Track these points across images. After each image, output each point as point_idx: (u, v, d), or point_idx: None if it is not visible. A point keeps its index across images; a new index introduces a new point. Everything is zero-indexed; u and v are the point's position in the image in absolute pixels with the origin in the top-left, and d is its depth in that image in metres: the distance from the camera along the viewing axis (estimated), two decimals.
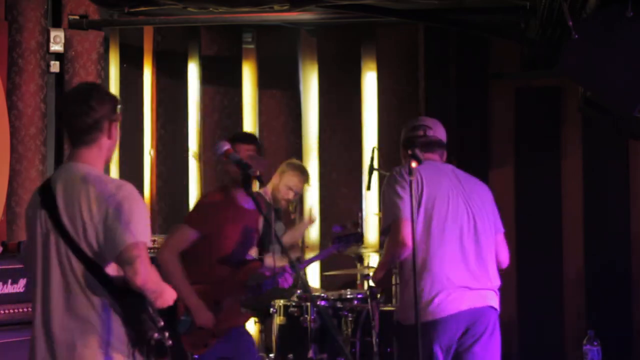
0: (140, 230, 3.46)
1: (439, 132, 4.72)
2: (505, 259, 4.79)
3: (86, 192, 3.49)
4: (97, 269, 3.46)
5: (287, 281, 5.40)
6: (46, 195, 3.56)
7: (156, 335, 3.47)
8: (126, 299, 3.48)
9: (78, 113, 3.57)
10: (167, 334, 3.50)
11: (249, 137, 5.52)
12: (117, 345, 3.48)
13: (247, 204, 5.29)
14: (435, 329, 4.41)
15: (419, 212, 4.46)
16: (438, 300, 4.44)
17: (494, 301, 4.66)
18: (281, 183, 6.64)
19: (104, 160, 3.68)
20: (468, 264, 4.54)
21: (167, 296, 3.52)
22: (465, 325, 4.52)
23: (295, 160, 7.04)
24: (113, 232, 3.43)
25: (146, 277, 3.42)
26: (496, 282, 4.68)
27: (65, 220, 3.48)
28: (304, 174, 6.80)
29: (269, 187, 6.71)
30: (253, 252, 5.67)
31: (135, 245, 3.42)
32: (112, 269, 3.48)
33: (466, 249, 4.54)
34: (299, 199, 7.14)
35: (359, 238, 6.17)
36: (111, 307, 3.48)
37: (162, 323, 3.53)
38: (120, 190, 3.50)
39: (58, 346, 3.48)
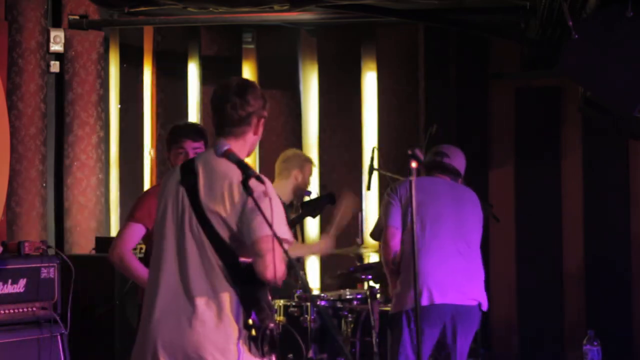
0: (276, 224, 3.50)
1: (456, 161, 5.34)
2: None
3: (229, 180, 3.54)
4: (226, 252, 3.52)
5: None
6: (188, 174, 3.62)
7: (272, 325, 3.54)
8: (249, 285, 3.53)
9: (234, 105, 3.64)
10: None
11: (199, 132, 5.06)
12: (239, 329, 3.52)
13: None
14: (408, 317, 4.95)
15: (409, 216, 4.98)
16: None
17: (477, 296, 5.07)
18: (306, 177, 6.59)
19: (246, 153, 3.71)
20: (454, 262, 5.03)
21: None
22: (444, 319, 4.96)
23: (301, 152, 7.08)
24: (249, 223, 3.48)
25: (276, 271, 3.47)
26: (479, 274, 5.15)
27: (203, 200, 3.54)
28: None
29: (291, 184, 6.63)
30: None
31: (268, 239, 3.46)
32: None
33: (453, 249, 5.06)
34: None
35: (330, 199, 6.01)
36: (235, 291, 3.52)
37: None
38: (260, 184, 3.55)
39: (187, 319, 3.51)
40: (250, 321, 3.53)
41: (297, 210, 6.39)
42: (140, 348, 3.60)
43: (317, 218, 7.52)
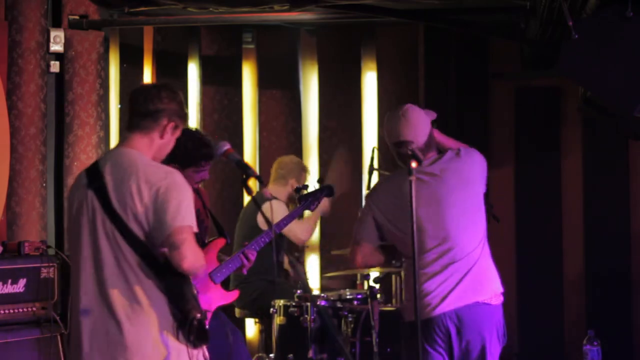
0: (187, 214, 3.53)
1: (420, 139, 4.51)
2: None
3: (136, 175, 3.55)
4: (143, 249, 3.53)
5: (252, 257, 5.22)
6: (94, 176, 3.63)
7: (199, 315, 3.54)
8: (171, 278, 3.54)
9: (147, 95, 3.67)
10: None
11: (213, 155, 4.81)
12: (164, 324, 3.54)
13: (194, 184, 5.15)
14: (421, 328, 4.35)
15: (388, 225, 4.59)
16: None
17: (482, 294, 4.68)
18: (301, 184, 6.80)
19: (152, 155, 3.69)
20: (445, 265, 4.55)
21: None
22: (450, 325, 4.50)
23: (298, 160, 7.24)
24: (161, 215, 3.50)
25: (193, 261, 3.50)
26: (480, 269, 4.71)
27: (113, 200, 3.55)
28: None
29: (287, 191, 6.95)
30: None
31: (182, 229, 3.49)
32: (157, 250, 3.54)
33: (438, 248, 4.53)
34: None
35: (328, 191, 5.99)
36: (157, 287, 3.53)
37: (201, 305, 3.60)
38: (169, 176, 3.58)
39: (108, 324, 3.53)
40: (178, 313, 3.54)
41: (295, 204, 6.45)
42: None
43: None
